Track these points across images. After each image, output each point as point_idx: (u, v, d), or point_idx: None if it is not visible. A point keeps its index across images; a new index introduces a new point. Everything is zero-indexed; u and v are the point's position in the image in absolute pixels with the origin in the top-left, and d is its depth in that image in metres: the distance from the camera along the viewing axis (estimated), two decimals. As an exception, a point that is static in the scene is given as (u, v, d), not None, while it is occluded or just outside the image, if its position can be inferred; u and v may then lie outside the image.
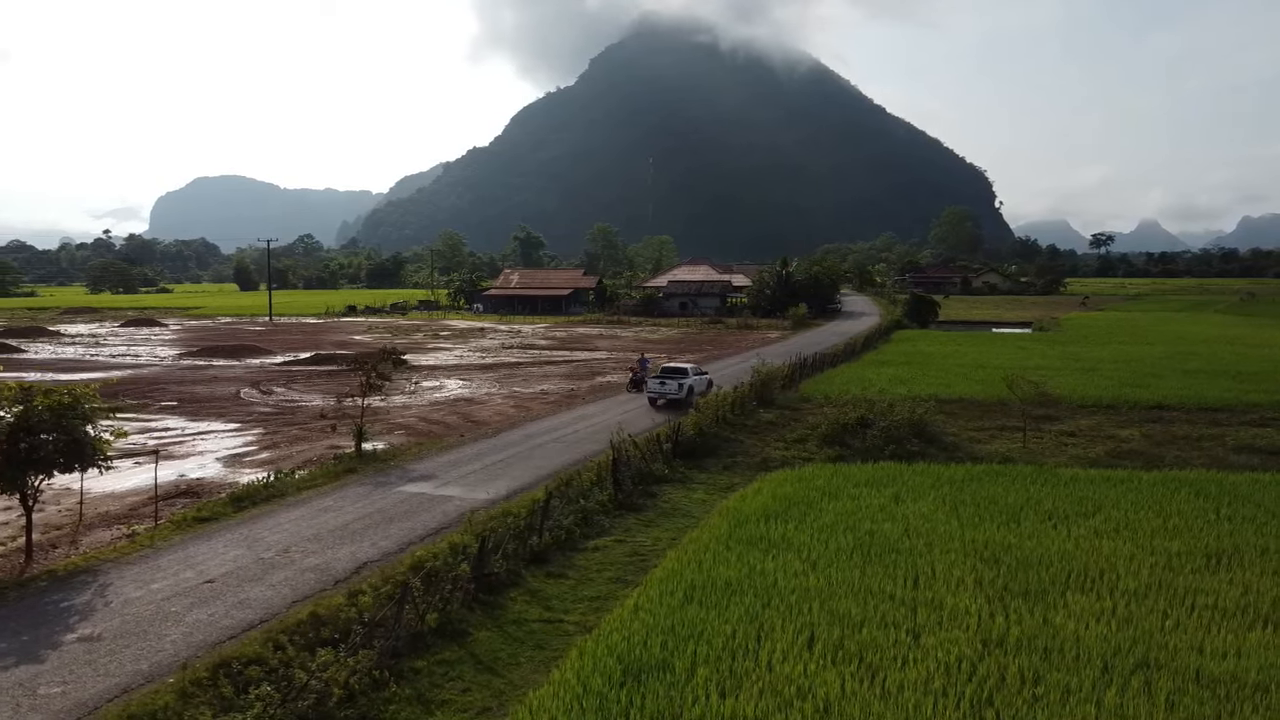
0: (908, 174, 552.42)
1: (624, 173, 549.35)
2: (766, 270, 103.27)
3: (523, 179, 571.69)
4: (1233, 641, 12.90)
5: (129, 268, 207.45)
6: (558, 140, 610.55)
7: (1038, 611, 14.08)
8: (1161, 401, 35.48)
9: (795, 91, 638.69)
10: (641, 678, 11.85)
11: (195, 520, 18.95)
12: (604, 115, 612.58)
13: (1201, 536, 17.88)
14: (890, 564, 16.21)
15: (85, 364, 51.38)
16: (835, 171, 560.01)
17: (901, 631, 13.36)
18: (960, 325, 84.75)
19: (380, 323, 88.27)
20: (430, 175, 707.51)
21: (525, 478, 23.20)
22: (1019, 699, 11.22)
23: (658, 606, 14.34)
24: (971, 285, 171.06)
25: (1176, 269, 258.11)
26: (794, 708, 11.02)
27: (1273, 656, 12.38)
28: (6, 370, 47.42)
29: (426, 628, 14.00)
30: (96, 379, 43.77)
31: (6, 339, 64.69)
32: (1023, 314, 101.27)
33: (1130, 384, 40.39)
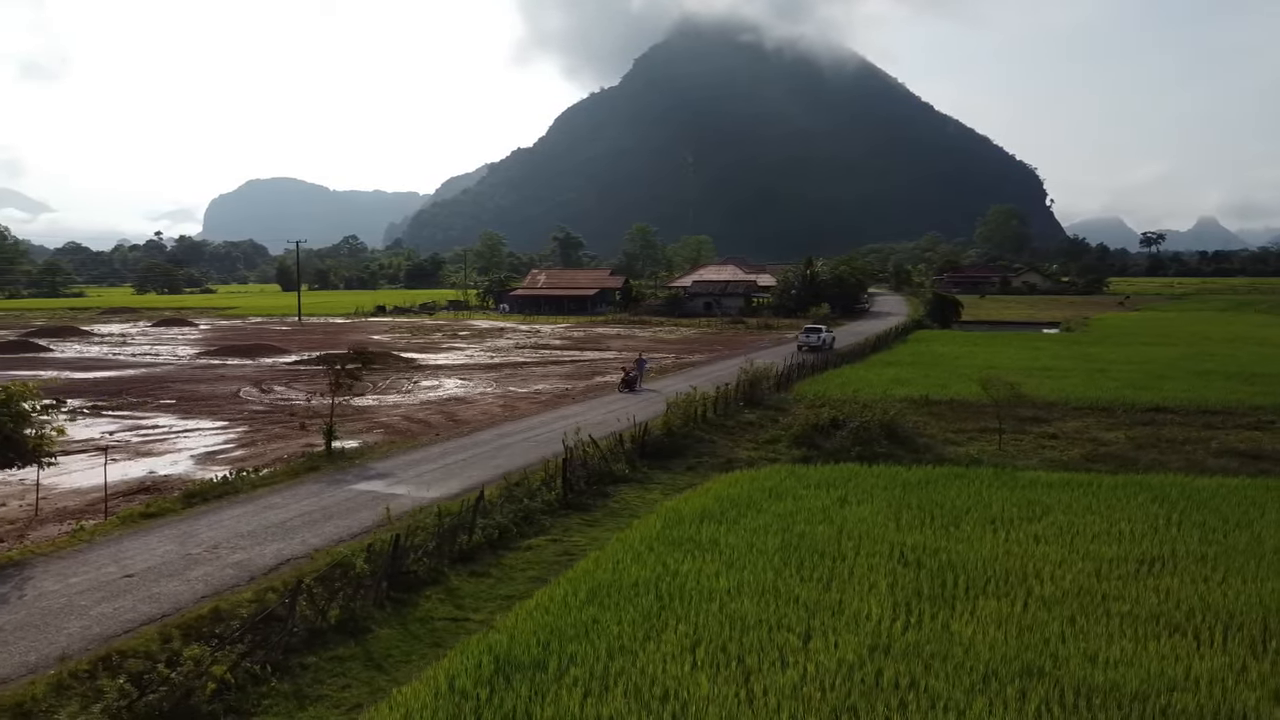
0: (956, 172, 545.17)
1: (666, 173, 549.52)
2: (791, 270, 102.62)
3: (565, 179, 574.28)
4: (1129, 650, 12.59)
5: (174, 269, 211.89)
6: (600, 140, 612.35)
7: (940, 617, 13.86)
8: (1160, 404, 34.68)
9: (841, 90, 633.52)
10: (511, 677, 11.87)
11: (142, 516, 19.31)
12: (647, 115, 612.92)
13: (1142, 542, 17.47)
14: (810, 567, 16.05)
15: (103, 362, 52.64)
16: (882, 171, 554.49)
17: (793, 635, 13.22)
18: (985, 325, 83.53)
19: (404, 323, 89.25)
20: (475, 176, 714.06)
21: (481, 476, 23.30)
22: (881, 705, 11.07)
23: (557, 606, 14.35)
24: (1011, 285, 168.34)
25: (1231, 268, 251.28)
26: (651, 710, 10.97)
27: (1164, 666, 12.05)
28: (25, 369, 48.80)
29: (327, 624, 14.14)
30: (108, 377, 44.95)
31: (37, 338, 66.50)
32: (1055, 314, 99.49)
33: (1135, 385, 39.53)
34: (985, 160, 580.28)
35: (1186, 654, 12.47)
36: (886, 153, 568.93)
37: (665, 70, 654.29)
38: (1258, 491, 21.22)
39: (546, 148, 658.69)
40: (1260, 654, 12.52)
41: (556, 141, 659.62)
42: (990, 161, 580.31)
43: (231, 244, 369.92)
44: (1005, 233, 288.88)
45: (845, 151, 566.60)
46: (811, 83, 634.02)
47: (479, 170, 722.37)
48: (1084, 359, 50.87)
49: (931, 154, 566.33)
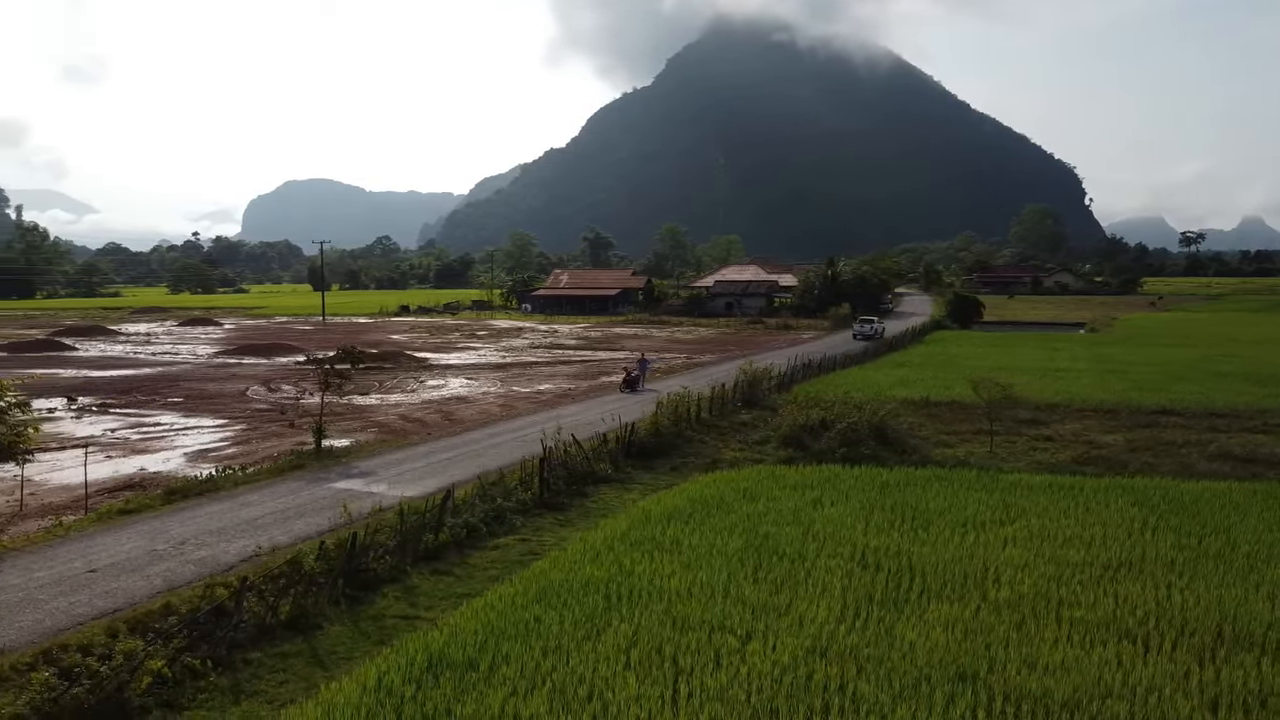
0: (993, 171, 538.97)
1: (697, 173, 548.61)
2: (813, 271, 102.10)
3: (597, 179, 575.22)
4: (1071, 656, 12.38)
5: (208, 269, 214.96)
6: (632, 140, 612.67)
7: (887, 620, 13.72)
8: (1166, 406, 34.09)
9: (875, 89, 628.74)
10: (440, 675, 11.92)
11: (119, 513, 19.64)
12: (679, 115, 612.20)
13: (1112, 547, 17.18)
14: (767, 568, 15.96)
15: (123, 361, 53.55)
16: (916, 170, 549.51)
17: (734, 637, 13.14)
18: (1008, 326, 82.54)
19: (424, 322, 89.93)
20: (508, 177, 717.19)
21: (462, 476, 23.41)
22: (804, 708, 10.99)
23: (504, 605, 14.39)
24: (1042, 285, 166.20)
25: (1272, 268, 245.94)
26: (571, 710, 10.97)
27: (1104, 673, 11.84)
28: (47, 367, 49.78)
29: (277, 620, 14.28)
30: (123, 375, 45.71)
31: (63, 337, 67.80)
32: (1083, 314, 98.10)
33: (1146, 387, 38.91)
34: (1022, 159, 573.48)
35: (1130, 661, 12.25)
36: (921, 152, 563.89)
37: (698, 70, 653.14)
38: (1243, 496, 20.81)
39: (579, 148, 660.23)
40: (1206, 662, 12.27)
41: (588, 142, 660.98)
42: (1027, 160, 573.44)
43: (267, 244, 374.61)
44: (1040, 232, 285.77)
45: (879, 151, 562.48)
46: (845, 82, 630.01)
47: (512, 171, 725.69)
48: (1100, 360, 50.13)
49: (967, 153, 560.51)
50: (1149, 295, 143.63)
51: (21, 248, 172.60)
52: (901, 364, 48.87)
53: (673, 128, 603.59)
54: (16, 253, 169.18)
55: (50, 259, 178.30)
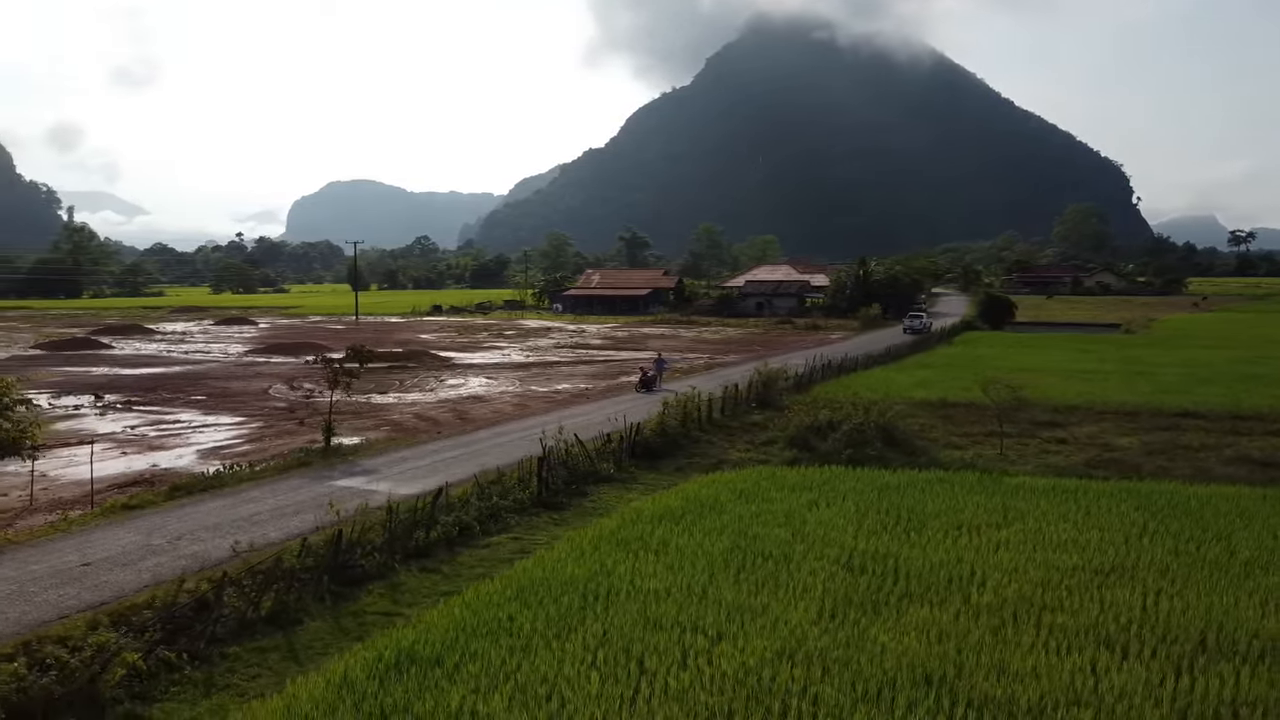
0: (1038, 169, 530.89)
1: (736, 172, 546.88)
2: (845, 271, 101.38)
3: (635, 179, 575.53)
4: (1045, 662, 12.17)
5: (250, 269, 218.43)
6: (671, 140, 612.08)
7: (862, 623, 13.59)
8: (1191, 408, 33.37)
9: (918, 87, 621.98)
10: (406, 671, 12.01)
11: (123, 508, 20.03)
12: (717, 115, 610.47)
13: (1107, 551, 16.87)
14: (751, 570, 15.89)
15: (155, 359, 54.55)
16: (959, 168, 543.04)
17: (705, 637, 13.09)
18: (1042, 327, 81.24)
19: (454, 322, 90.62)
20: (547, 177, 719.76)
21: (464, 474, 23.52)
22: (761, 710, 10.92)
23: (480, 602, 14.46)
24: (1083, 285, 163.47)
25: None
26: (528, 708, 10.99)
27: (1076, 680, 11.61)
28: (81, 365, 50.87)
29: (259, 615, 14.48)
30: (152, 373, 46.58)
31: (101, 336, 69.25)
32: (1122, 315, 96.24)
33: (1172, 389, 38.15)
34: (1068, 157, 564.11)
35: (1105, 668, 12.02)
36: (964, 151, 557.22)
37: (737, 69, 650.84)
38: (1252, 501, 20.34)
39: (617, 148, 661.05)
40: (1184, 670, 12.00)
41: (627, 142, 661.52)
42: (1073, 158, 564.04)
43: (309, 244, 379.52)
44: (1084, 231, 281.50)
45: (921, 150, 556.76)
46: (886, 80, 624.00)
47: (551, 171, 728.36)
48: (1129, 362, 49.23)
49: (1011, 151, 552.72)
50: (1193, 296, 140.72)
51: (69, 248, 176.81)
52: (925, 365, 48.36)
53: (711, 127, 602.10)
54: (64, 253, 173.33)
55: (96, 259, 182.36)
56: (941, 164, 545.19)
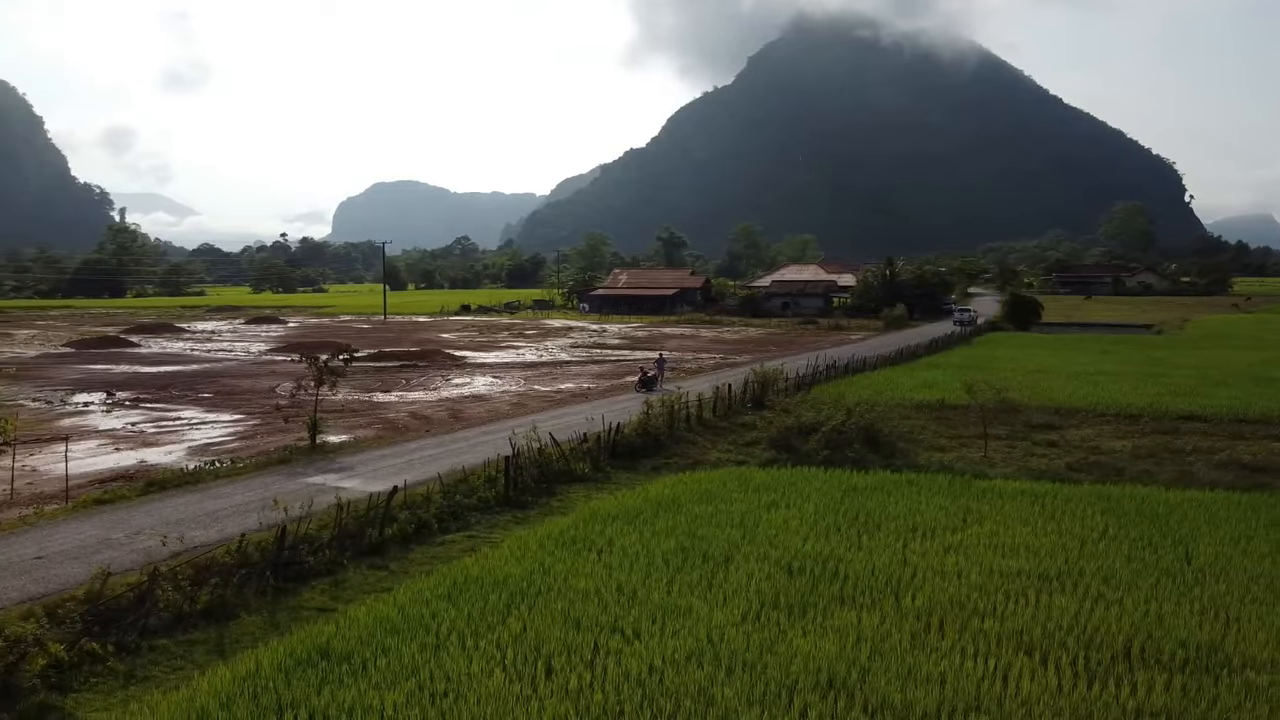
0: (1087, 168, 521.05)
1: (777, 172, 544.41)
2: (871, 271, 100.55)
3: (676, 178, 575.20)
4: (956, 667, 11.99)
5: (289, 269, 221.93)
6: (712, 140, 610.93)
7: (784, 625, 13.51)
8: (1195, 411, 32.66)
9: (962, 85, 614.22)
10: (314, 666, 12.15)
11: (95, 502, 20.48)
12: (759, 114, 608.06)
13: (1058, 556, 16.59)
14: (688, 570, 15.85)
15: (177, 358, 55.60)
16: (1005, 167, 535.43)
17: (620, 638, 13.10)
18: (1073, 328, 79.83)
19: (480, 321, 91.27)
20: (588, 177, 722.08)
21: (438, 471, 23.49)
22: (651, 712, 10.89)
23: (409, 599, 14.60)
24: (1125, 285, 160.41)
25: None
26: (421, 704, 11.05)
27: (983, 687, 11.44)
28: (104, 363, 52.02)
29: (194, 609, 14.72)
30: (170, 371, 47.48)
31: (131, 334, 70.76)
32: (1159, 315, 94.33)
33: (1181, 392, 37.34)
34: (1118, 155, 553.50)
35: (1017, 675, 11.81)
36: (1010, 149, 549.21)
37: (779, 68, 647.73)
38: (1225, 506, 19.85)
39: (658, 148, 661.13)
40: (1096, 678, 11.77)
41: (668, 141, 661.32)
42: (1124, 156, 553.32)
43: (351, 245, 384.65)
44: (1132, 231, 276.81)
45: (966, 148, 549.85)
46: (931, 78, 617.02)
47: (592, 171, 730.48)
48: (1148, 363, 48.25)
49: (1059, 149, 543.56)
50: (1236, 296, 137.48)
51: (113, 249, 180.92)
52: (935, 366, 47.79)
53: (753, 127, 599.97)
54: (109, 254, 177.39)
55: (139, 259, 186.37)
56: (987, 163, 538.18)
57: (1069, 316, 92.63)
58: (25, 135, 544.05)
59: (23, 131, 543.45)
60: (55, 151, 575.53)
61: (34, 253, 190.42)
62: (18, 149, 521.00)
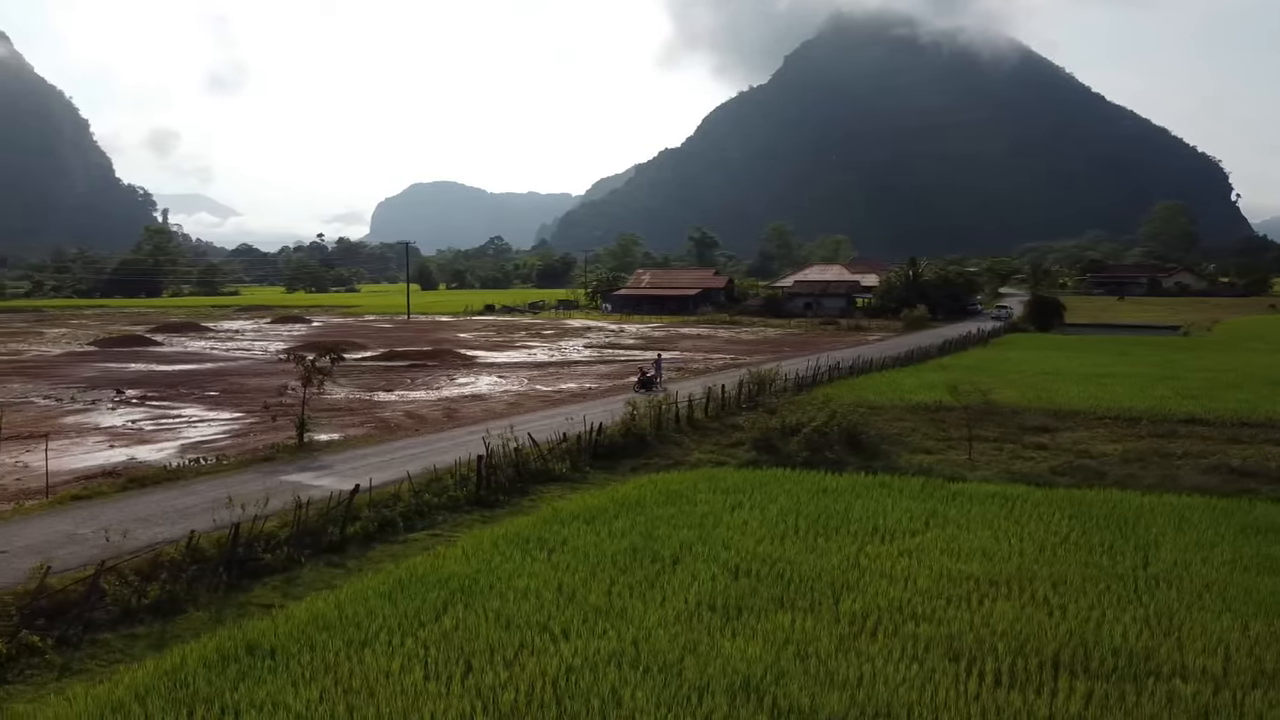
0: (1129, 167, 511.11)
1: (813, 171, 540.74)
2: (895, 271, 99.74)
3: (710, 178, 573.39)
4: (875, 672, 11.88)
5: (323, 269, 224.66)
6: (747, 139, 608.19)
7: (716, 627, 13.49)
8: (1198, 415, 32.06)
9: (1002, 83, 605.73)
10: (238, 661, 12.31)
11: (73, 498, 20.89)
12: (795, 113, 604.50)
13: (1013, 560, 16.38)
14: (634, 571, 15.87)
15: (194, 356, 56.48)
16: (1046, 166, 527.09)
17: (547, 637, 13.15)
18: (1098, 329, 78.56)
19: (501, 321, 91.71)
20: (623, 177, 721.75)
21: (415, 470, 23.67)
22: (554, 712, 10.92)
23: (351, 596, 14.77)
24: (1161, 286, 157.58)
25: None
26: (335, 700, 11.17)
27: (898, 693, 11.31)
28: (122, 361, 52.99)
29: (142, 604, 14.97)
30: (183, 370, 48.25)
31: (155, 333, 72.00)
32: (1190, 316, 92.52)
33: (1188, 394, 36.69)
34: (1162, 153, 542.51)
35: (937, 681, 11.69)
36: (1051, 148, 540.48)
37: (815, 67, 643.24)
38: (1197, 512, 19.48)
39: (693, 147, 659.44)
40: (1017, 685, 11.63)
41: (703, 141, 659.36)
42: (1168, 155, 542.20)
43: (386, 245, 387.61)
44: (1173, 230, 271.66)
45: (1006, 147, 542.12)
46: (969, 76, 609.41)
47: (627, 171, 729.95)
48: (1163, 365, 47.41)
49: (1102, 147, 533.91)
50: (1276, 297, 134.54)
51: (150, 249, 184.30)
52: (945, 367, 47.28)
53: (789, 126, 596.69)
54: (145, 254, 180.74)
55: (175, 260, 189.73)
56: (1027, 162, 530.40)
57: (1096, 317, 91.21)
58: (72, 138, 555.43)
59: (69, 134, 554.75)
60: (100, 153, 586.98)
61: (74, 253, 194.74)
62: (64, 152, 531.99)
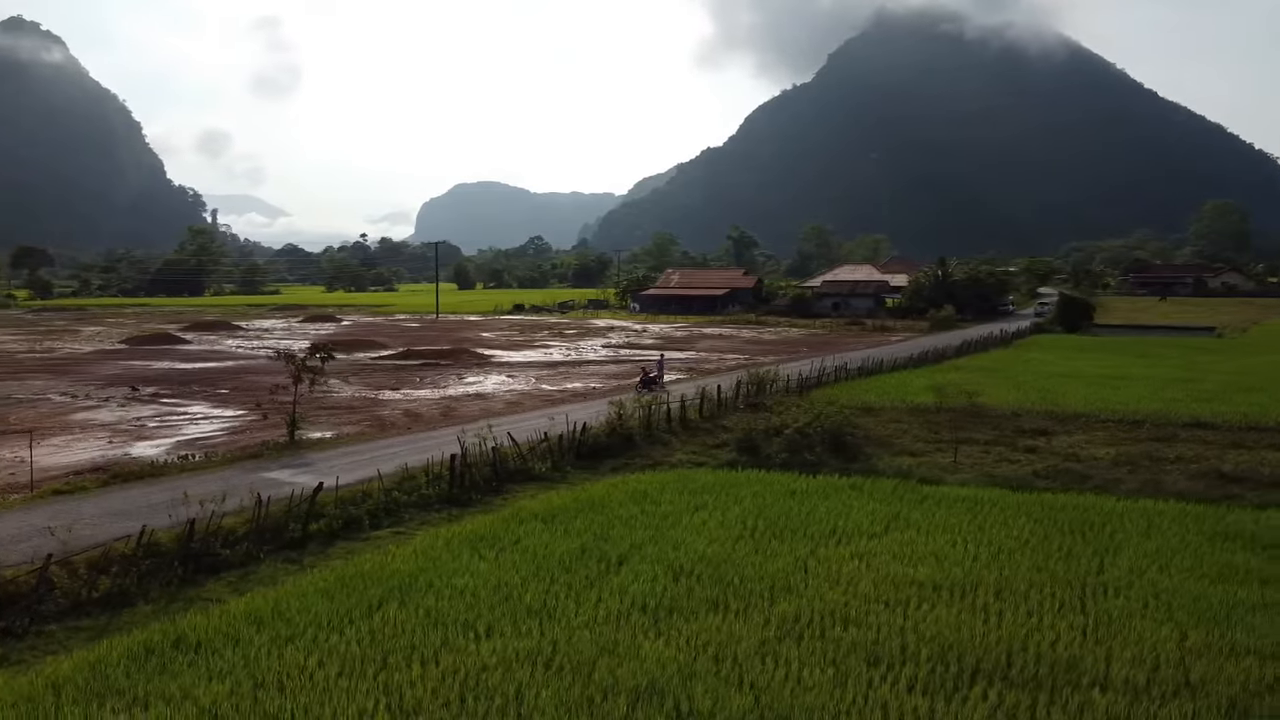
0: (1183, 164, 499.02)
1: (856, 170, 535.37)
2: (924, 271, 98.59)
3: (752, 176, 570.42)
4: (787, 676, 11.80)
5: (362, 269, 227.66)
6: (790, 138, 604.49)
7: (642, 628, 13.48)
8: (1204, 418, 31.34)
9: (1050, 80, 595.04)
10: (161, 655, 12.53)
11: (53, 493, 21.38)
12: (839, 112, 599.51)
13: (963, 565, 16.17)
14: (574, 572, 15.90)
15: (217, 354, 57.45)
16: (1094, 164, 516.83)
17: (471, 636, 13.23)
18: (1130, 330, 76.94)
19: (527, 321, 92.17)
20: (665, 176, 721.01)
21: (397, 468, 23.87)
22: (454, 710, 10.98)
23: (291, 593, 14.98)
24: (1207, 286, 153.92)
25: None
26: (243, 695, 11.32)
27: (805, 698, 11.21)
28: (147, 359, 54.13)
29: (91, 596, 15.29)
30: (203, 368, 49.12)
31: (186, 332, 73.42)
32: (1227, 318, 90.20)
33: (1202, 397, 35.89)
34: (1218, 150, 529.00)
35: (849, 686, 11.58)
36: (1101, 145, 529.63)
37: (859, 65, 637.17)
38: (1172, 518, 19.07)
39: (734, 146, 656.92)
40: (926, 692, 11.48)
41: (745, 140, 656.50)
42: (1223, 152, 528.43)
43: (427, 245, 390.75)
44: (1225, 229, 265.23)
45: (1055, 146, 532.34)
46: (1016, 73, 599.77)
47: (669, 171, 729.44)
48: (1185, 367, 46.36)
49: (1153, 145, 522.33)
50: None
51: (193, 249, 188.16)
52: (959, 368, 46.65)
53: (832, 125, 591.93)
54: (188, 254, 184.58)
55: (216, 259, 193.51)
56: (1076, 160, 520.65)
57: (1132, 318, 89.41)
58: (125, 140, 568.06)
59: (123, 137, 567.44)
60: (153, 155, 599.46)
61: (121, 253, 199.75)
62: (118, 154, 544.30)
